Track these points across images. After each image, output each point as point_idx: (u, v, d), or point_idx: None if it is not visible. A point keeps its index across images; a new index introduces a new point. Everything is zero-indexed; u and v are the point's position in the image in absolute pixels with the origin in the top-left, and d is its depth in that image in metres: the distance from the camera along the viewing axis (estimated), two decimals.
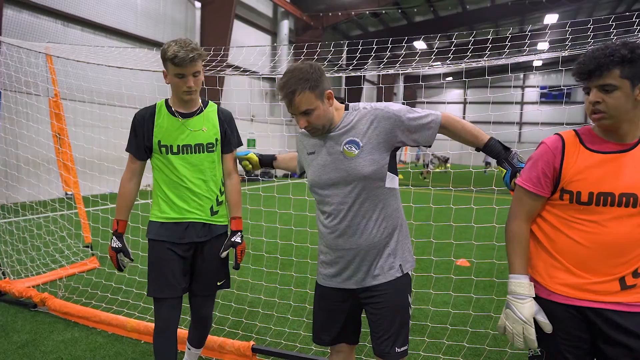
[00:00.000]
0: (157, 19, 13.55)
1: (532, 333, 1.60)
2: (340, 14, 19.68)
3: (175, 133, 2.24)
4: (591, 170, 1.56)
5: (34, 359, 2.97)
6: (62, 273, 4.54)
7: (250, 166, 2.51)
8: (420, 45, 29.50)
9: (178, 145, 2.24)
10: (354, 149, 1.78)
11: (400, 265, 1.86)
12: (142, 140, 2.27)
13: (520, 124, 35.58)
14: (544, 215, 1.68)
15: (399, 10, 21.75)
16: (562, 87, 3.77)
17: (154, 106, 2.30)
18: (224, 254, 2.34)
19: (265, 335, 3.38)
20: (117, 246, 2.32)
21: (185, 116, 2.27)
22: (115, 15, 12.13)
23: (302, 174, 2.15)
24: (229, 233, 2.41)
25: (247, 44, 17.97)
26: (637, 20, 3.53)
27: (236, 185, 2.41)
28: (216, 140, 2.31)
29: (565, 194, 1.59)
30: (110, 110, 5.88)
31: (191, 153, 2.25)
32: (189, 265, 2.34)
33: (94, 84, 5.09)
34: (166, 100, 2.31)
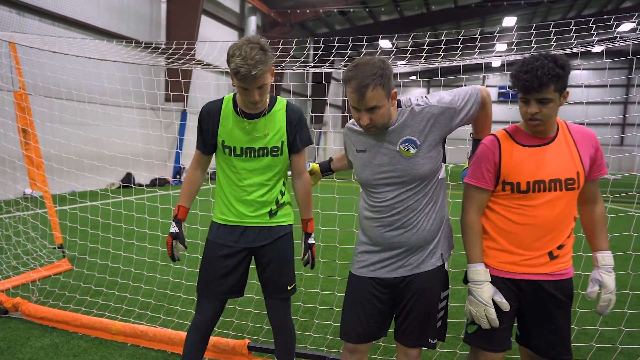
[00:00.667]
0: (120, 11, 13.00)
1: (492, 313, 1.82)
2: (308, 11, 19.63)
3: (239, 135, 2.13)
4: (525, 162, 1.82)
5: None
6: (32, 276, 4.27)
7: (316, 179, 2.42)
8: (385, 44, 29.91)
9: (242, 148, 2.14)
10: (411, 148, 1.77)
11: (441, 254, 1.89)
12: (208, 136, 2.18)
13: None
14: (490, 206, 1.93)
15: (366, 9, 21.96)
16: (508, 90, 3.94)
17: (221, 101, 2.18)
18: (304, 259, 2.29)
19: (258, 335, 3.33)
20: (174, 231, 2.23)
21: (251, 117, 2.13)
22: (76, 6, 11.52)
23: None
24: (300, 234, 2.34)
25: (215, 40, 17.61)
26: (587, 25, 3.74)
27: (307, 186, 2.30)
28: (282, 143, 2.16)
29: (507, 185, 1.84)
30: (79, 106, 5.64)
31: (255, 157, 2.14)
32: (245, 269, 2.25)
33: (61, 77, 4.85)
34: (234, 96, 2.19)
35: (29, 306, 3.46)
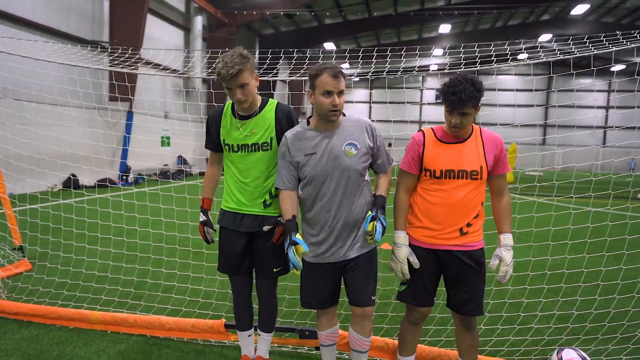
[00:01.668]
0: (61, 7, 12.49)
1: (405, 269, 2.41)
2: (255, 12, 19.82)
3: (235, 133, 2.51)
4: (441, 155, 2.35)
5: None
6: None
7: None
8: (329, 46, 30.64)
9: (238, 145, 2.51)
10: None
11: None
12: (213, 137, 2.58)
13: (420, 122, 38.88)
14: (417, 190, 2.45)
15: (312, 13, 22.51)
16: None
17: (223, 107, 2.56)
18: (265, 228, 2.50)
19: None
20: (203, 220, 2.68)
21: (243, 118, 2.51)
22: (14, 0, 10.95)
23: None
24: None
25: (160, 39, 17.32)
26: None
27: None
28: (271, 139, 2.50)
29: (427, 172, 2.37)
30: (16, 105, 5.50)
31: (248, 152, 2.51)
32: (249, 250, 2.60)
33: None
34: (232, 102, 2.54)
35: (1, 302, 3.55)
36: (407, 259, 2.39)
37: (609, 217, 3.57)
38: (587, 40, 3.59)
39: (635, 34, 3.43)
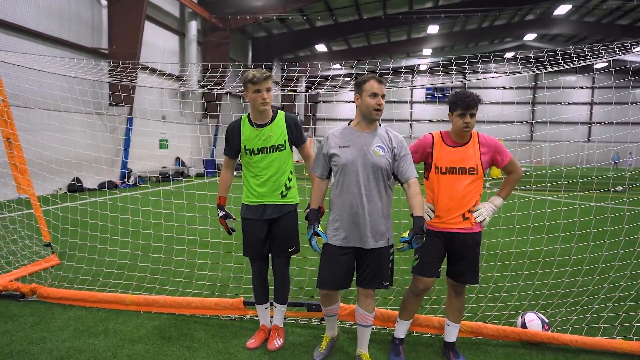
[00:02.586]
0: (61, 16, 12.88)
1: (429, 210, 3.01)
2: (248, 17, 20.30)
3: (255, 139, 3.08)
4: (446, 155, 2.93)
5: (53, 330, 3.45)
6: (26, 270, 4.80)
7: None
8: (321, 47, 31.16)
9: (258, 148, 3.08)
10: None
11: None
12: (232, 145, 3.13)
13: (411, 121, 39.63)
14: (429, 186, 3.01)
15: (304, 17, 23.04)
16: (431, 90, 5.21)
17: (240, 119, 3.13)
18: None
19: (249, 293, 4.24)
20: (222, 214, 3.23)
21: (260, 126, 3.09)
22: (16, 10, 11.32)
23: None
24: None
25: (156, 44, 17.76)
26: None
27: (311, 159, 3.19)
28: (285, 141, 3.10)
29: (437, 168, 2.94)
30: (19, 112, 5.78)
31: (267, 153, 3.08)
32: (268, 235, 3.16)
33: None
34: (248, 115, 3.12)
35: (46, 289, 4.08)
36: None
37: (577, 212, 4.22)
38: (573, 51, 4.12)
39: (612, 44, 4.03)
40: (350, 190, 2.79)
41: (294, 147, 3.26)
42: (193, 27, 19.47)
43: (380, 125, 2.92)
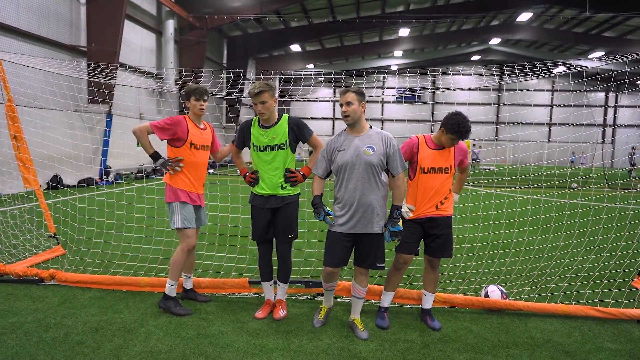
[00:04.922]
0: (40, 13, 12.86)
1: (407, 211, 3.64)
2: (225, 17, 20.55)
3: (261, 138, 3.60)
4: (428, 156, 3.55)
5: (80, 307, 3.88)
6: (38, 259, 5.15)
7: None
8: (295, 47, 31.61)
9: (263, 146, 3.60)
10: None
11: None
12: (243, 139, 3.68)
13: (382, 120, 40.70)
14: (412, 184, 3.63)
15: (281, 19, 23.45)
16: (405, 90, 5.90)
17: (251, 120, 3.65)
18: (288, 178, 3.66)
19: (252, 272, 4.77)
20: (250, 174, 3.77)
21: (266, 128, 3.61)
22: None
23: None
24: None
25: (133, 42, 17.80)
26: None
27: (318, 151, 3.67)
28: (285, 141, 3.61)
29: (421, 169, 3.54)
30: None
31: (271, 150, 3.60)
32: (271, 222, 3.68)
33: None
34: (258, 117, 3.63)
35: (64, 274, 4.47)
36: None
37: (542, 202, 4.98)
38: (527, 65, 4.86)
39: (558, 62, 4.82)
40: (350, 186, 3.38)
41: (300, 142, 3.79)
42: (170, 25, 19.57)
43: (371, 127, 3.49)
